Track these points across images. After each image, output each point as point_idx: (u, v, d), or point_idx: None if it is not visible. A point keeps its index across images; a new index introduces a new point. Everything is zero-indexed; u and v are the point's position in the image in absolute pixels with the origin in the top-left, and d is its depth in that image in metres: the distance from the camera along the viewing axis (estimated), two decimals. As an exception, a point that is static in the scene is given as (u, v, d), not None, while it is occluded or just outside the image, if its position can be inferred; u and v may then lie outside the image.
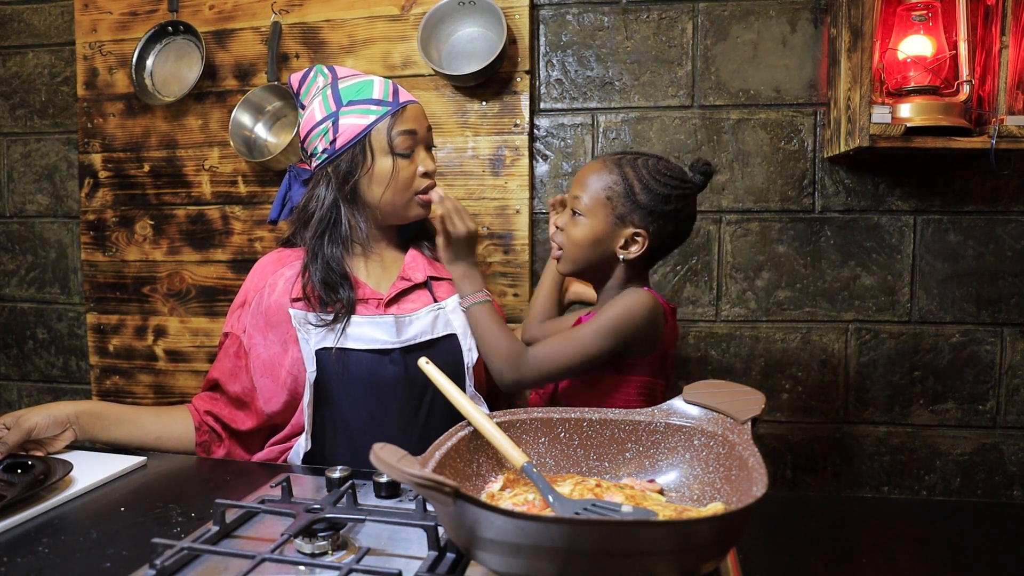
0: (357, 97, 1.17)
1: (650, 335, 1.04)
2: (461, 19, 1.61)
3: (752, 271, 1.61)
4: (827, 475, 1.62)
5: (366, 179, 1.17)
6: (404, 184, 1.17)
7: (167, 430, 1.17)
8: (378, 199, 1.18)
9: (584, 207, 1.05)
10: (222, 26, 1.71)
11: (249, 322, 1.18)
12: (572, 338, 1.03)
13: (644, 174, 1.04)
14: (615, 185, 1.04)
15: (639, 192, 1.04)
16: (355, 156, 1.16)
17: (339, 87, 1.18)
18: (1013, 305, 1.55)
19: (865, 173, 1.56)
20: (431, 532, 0.69)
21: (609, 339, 1.02)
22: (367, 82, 1.19)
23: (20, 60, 1.87)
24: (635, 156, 1.07)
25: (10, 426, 1.03)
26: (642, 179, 1.04)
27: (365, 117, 1.16)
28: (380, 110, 1.16)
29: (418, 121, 1.19)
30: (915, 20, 1.39)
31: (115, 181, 1.80)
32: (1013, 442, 1.56)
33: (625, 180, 1.04)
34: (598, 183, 1.05)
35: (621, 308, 1.02)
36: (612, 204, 1.04)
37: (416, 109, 1.20)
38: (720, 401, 0.79)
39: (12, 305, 1.94)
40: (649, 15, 1.60)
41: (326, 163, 1.18)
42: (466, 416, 0.79)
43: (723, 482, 0.73)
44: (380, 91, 1.18)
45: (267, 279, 1.20)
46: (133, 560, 0.73)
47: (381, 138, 1.15)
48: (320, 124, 1.17)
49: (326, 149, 1.17)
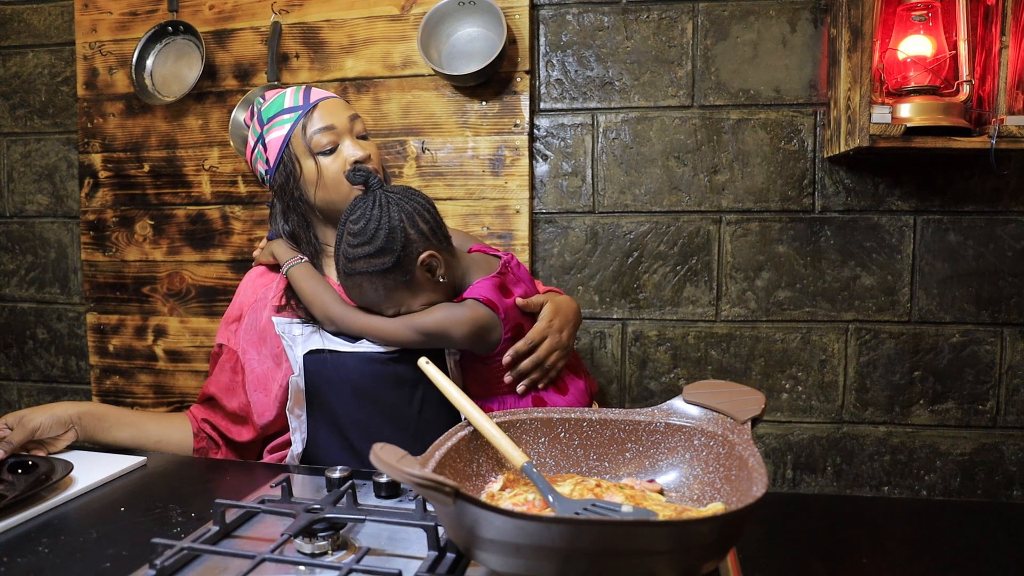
0: (274, 112, 1.19)
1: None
2: (461, 19, 1.61)
3: (752, 271, 1.61)
4: (827, 475, 1.62)
5: (302, 185, 1.18)
6: (334, 179, 1.17)
7: (167, 435, 1.19)
8: (320, 201, 1.18)
9: (398, 307, 1.06)
10: (222, 26, 1.71)
11: (244, 337, 1.19)
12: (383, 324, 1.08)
13: (361, 254, 1.03)
14: (373, 284, 1.04)
15: (380, 263, 1.03)
16: (285, 167, 1.18)
17: (260, 111, 1.21)
18: (1013, 305, 1.55)
19: (865, 173, 1.56)
20: (431, 532, 0.69)
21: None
22: (280, 95, 1.20)
23: (20, 60, 1.87)
24: (344, 253, 1.05)
25: (13, 426, 1.04)
26: (367, 257, 1.03)
27: (282, 128, 1.18)
28: (293, 116, 1.17)
29: (334, 115, 1.18)
30: (915, 20, 1.39)
31: (115, 181, 1.80)
32: (1013, 442, 1.56)
33: (367, 274, 1.03)
34: (371, 297, 1.06)
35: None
36: (398, 282, 1.04)
37: (330, 104, 1.19)
38: (720, 401, 0.79)
39: (12, 305, 1.94)
40: (649, 15, 1.60)
41: (271, 183, 1.21)
42: (466, 416, 0.79)
43: (723, 482, 0.73)
44: (291, 99, 1.19)
45: (258, 292, 1.21)
46: (133, 560, 0.73)
47: (299, 142, 1.17)
48: (254, 149, 1.21)
49: (267, 170, 1.20)
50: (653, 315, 1.64)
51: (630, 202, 1.64)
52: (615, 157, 1.63)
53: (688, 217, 1.62)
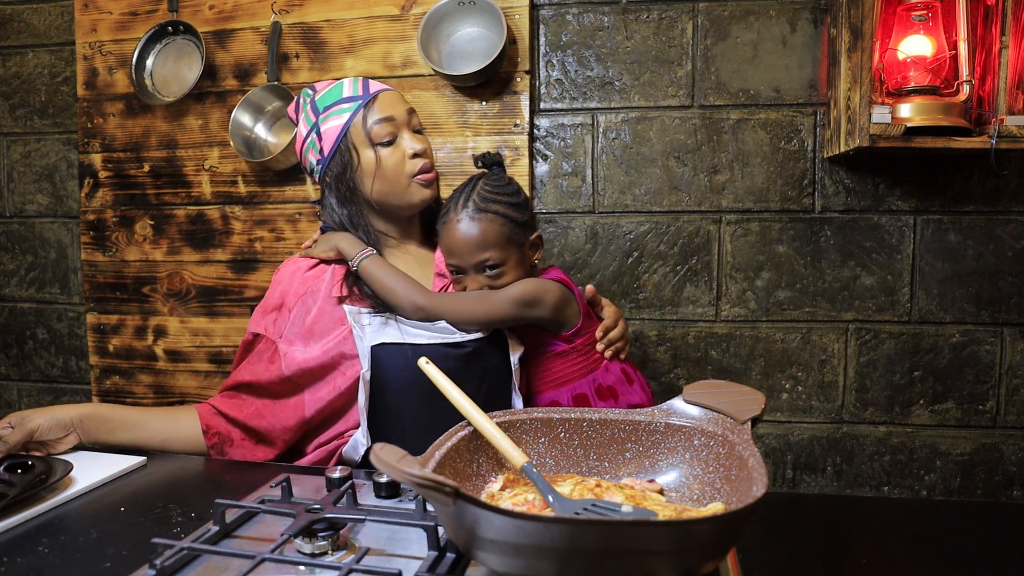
0: (330, 101, 1.19)
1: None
2: (461, 19, 1.61)
3: (752, 271, 1.61)
4: (827, 475, 1.62)
5: (358, 176, 1.19)
6: (393, 171, 1.18)
7: (173, 432, 1.15)
8: (377, 192, 1.19)
9: (499, 258, 1.13)
10: (222, 26, 1.71)
11: (288, 328, 1.16)
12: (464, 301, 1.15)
13: (504, 200, 1.14)
14: (504, 225, 1.13)
15: (516, 215, 1.15)
16: (342, 157, 1.18)
17: (316, 98, 1.21)
18: (1013, 305, 1.55)
19: (865, 173, 1.56)
20: (431, 532, 0.69)
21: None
22: (337, 85, 1.21)
23: (20, 60, 1.87)
24: (480, 194, 1.14)
25: (14, 425, 1.03)
26: (507, 205, 1.14)
27: (340, 117, 1.18)
28: (352, 106, 1.18)
29: (394, 107, 1.19)
30: (915, 20, 1.39)
31: (115, 181, 1.80)
32: (1013, 442, 1.56)
33: (500, 216, 1.13)
34: (493, 235, 1.13)
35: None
36: (513, 239, 1.14)
37: (389, 96, 1.21)
38: (720, 401, 0.79)
39: (12, 305, 1.94)
40: (649, 15, 1.60)
41: (324, 173, 1.21)
42: (466, 416, 0.79)
43: (723, 482, 0.73)
44: (349, 89, 1.20)
45: (308, 284, 1.19)
46: (133, 560, 0.73)
47: (359, 132, 1.17)
48: (307, 138, 1.21)
49: (319, 160, 1.20)
50: (653, 315, 1.64)
51: (630, 202, 1.64)
52: (615, 157, 1.63)
53: (688, 217, 1.62)
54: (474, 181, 1.18)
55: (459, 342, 1.14)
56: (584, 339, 1.18)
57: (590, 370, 1.18)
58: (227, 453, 1.17)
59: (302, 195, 1.71)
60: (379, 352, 1.11)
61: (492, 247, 1.12)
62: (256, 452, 1.18)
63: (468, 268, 1.15)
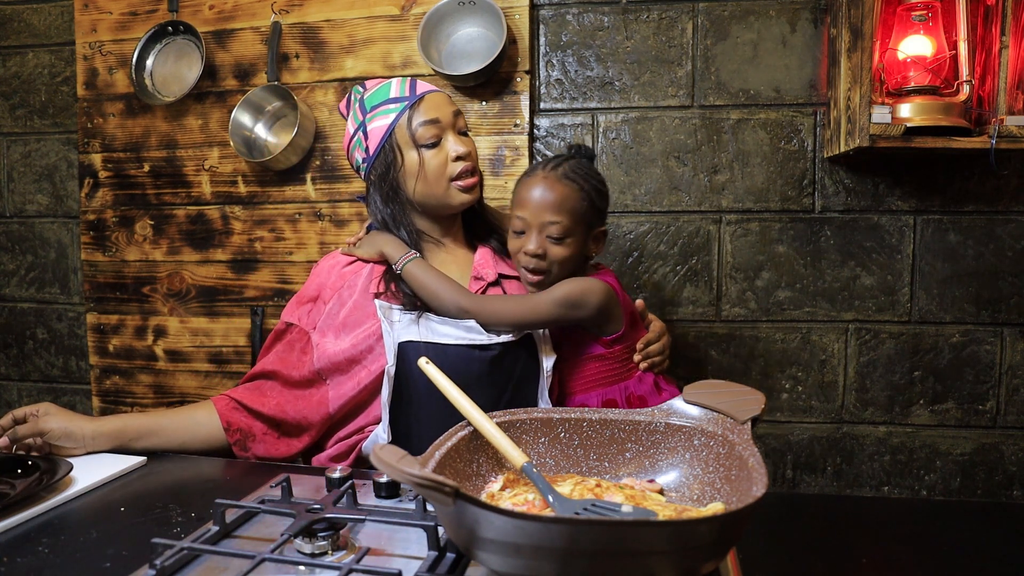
0: (378, 101, 1.20)
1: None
2: (461, 19, 1.61)
3: (752, 271, 1.61)
4: (827, 475, 1.62)
5: (401, 176, 1.20)
6: (435, 173, 1.18)
7: (191, 435, 1.13)
8: (418, 193, 1.20)
9: (566, 229, 1.12)
10: (222, 26, 1.71)
11: (323, 321, 1.18)
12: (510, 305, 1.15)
13: (592, 182, 1.15)
14: (583, 200, 1.13)
15: (596, 199, 1.15)
16: (387, 156, 1.19)
17: (364, 97, 1.22)
18: (1013, 305, 1.55)
19: (865, 173, 1.56)
20: (431, 532, 0.69)
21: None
22: (385, 85, 1.22)
23: (20, 60, 1.87)
24: (572, 166, 1.15)
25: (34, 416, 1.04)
26: (594, 187, 1.15)
27: (386, 117, 1.19)
28: (398, 106, 1.19)
29: (440, 109, 1.19)
30: (915, 20, 1.39)
31: (115, 181, 1.80)
32: (1013, 442, 1.56)
33: (584, 192, 1.13)
34: (571, 203, 1.12)
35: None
36: (586, 217, 1.14)
37: (435, 98, 1.20)
38: (720, 401, 0.79)
39: (12, 305, 1.94)
40: (649, 15, 1.60)
41: (369, 171, 1.22)
42: (466, 416, 0.79)
43: (723, 482, 0.73)
44: (397, 89, 1.21)
45: (346, 279, 1.20)
46: (133, 560, 0.73)
47: (404, 133, 1.18)
48: (354, 136, 1.23)
49: (365, 158, 1.22)
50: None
51: (630, 202, 1.64)
52: (615, 157, 1.63)
53: (688, 217, 1.62)
54: (567, 156, 1.18)
55: (486, 344, 1.14)
56: (624, 346, 1.17)
57: (623, 378, 1.18)
58: (250, 448, 1.16)
59: (302, 195, 1.71)
60: (405, 348, 1.12)
61: (564, 213, 1.12)
62: (279, 446, 1.17)
63: (533, 226, 1.13)
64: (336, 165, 1.69)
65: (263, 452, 1.16)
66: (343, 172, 1.69)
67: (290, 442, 1.17)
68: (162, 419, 1.14)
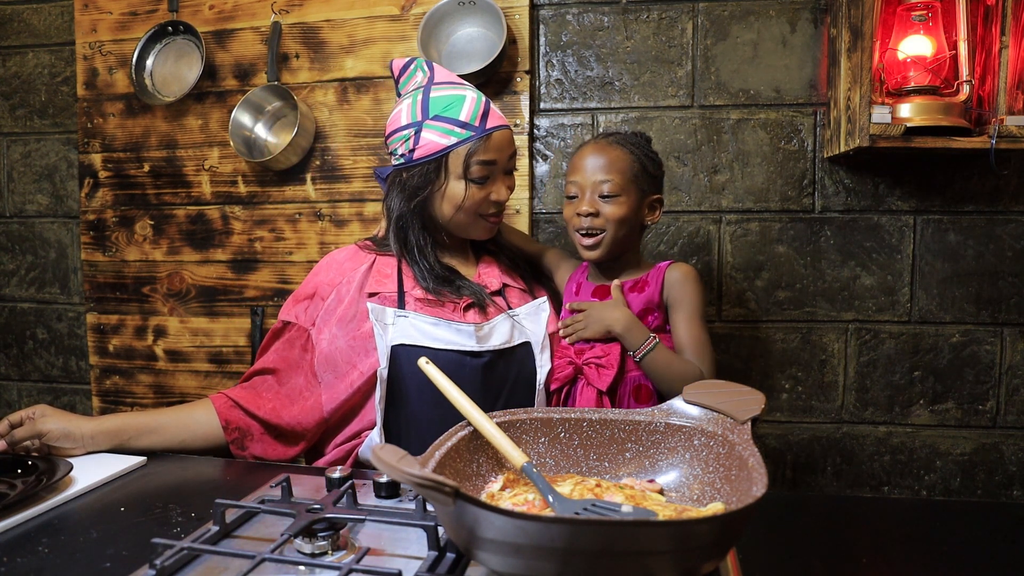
0: (444, 113, 1.15)
1: None
2: (461, 19, 1.61)
3: (752, 271, 1.61)
4: (827, 475, 1.62)
5: (438, 196, 1.18)
6: (472, 207, 1.18)
7: (191, 433, 1.12)
8: (448, 218, 1.19)
9: (618, 187, 1.16)
10: (222, 26, 1.71)
11: (320, 317, 1.16)
12: (701, 338, 1.16)
13: (644, 149, 1.20)
14: (634, 163, 1.17)
15: (648, 164, 1.19)
16: (429, 172, 1.16)
17: (430, 95, 1.16)
18: (1013, 305, 1.55)
19: (865, 173, 1.56)
20: (431, 532, 0.69)
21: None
22: (458, 98, 1.16)
23: (20, 60, 1.87)
24: (621, 135, 1.22)
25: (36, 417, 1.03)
26: (645, 153, 1.20)
27: (447, 138, 1.14)
28: (464, 134, 1.14)
29: (501, 150, 1.18)
30: (915, 20, 1.39)
31: (115, 181, 1.80)
32: (1013, 442, 1.56)
33: (636, 155, 1.18)
34: (621, 164, 1.17)
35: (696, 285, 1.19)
36: (638, 180, 1.18)
37: (502, 137, 1.18)
38: (720, 401, 0.79)
39: (12, 305, 1.94)
40: (649, 15, 1.60)
41: (402, 168, 1.19)
42: (466, 416, 0.79)
43: (723, 482, 0.73)
44: (469, 112, 1.15)
45: (345, 274, 1.19)
46: (133, 560, 0.73)
47: (459, 162, 1.15)
48: (404, 129, 1.17)
49: (404, 155, 1.18)
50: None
51: (630, 202, 1.63)
52: (615, 157, 1.63)
53: (688, 217, 1.62)
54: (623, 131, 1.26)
55: (477, 351, 1.13)
56: None
57: None
58: (247, 448, 1.15)
59: (302, 195, 1.71)
60: (398, 352, 1.11)
61: (616, 173, 1.16)
62: (276, 448, 1.16)
63: (586, 187, 1.17)
64: (336, 165, 1.69)
65: (260, 452, 1.15)
66: (343, 172, 1.69)
67: (286, 448, 1.17)
68: (161, 417, 1.13)
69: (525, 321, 1.21)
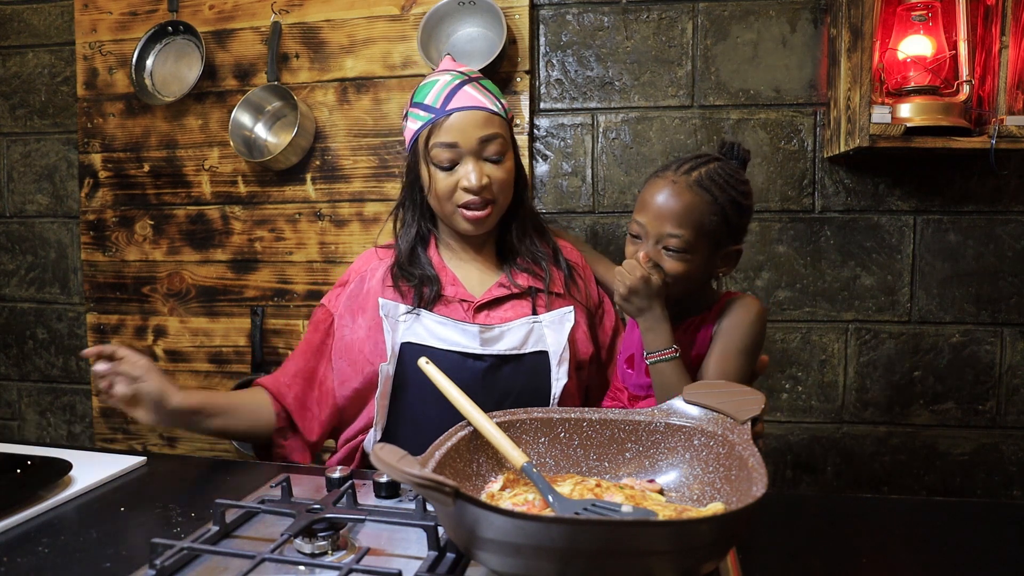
0: (417, 98, 1.16)
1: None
2: (461, 19, 1.61)
3: (752, 271, 1.61)
4: (827, 475, 1.62)
5: (422, 181, 1.18)
6: (443, 195, 1.14)
7: (255, 419, 1.16)
8: (435, 208, 1.19)
9: (687, 244, 0.97)
10: (222, 26, 1.71)
11: (344, 303, 1.20)
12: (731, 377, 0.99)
13: (731, 193, 0.99)
14: (713, 215, 0.97)
15: (732, 214, 0.99)
16: (414, 156, 1.18)
17: (420, 82, 1.18)
18: (1013, 305, 1.55)
19: (865, 173, 1.56)
20: (431, 532, 0.69)
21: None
22: (432, 82, 1.15)
23: (20, 60, 1.87)
24: (710, 172, 0.99)
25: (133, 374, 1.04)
26: (731, 199, 0.99)
27: (415, 122, 1.15)
28: (426, 116, 1.13)
29: (463, 133, 1.11)
30: (915, 20, 1.39)
31: (115, 181, 1.80)
32: (1013, 442, 1.56)
33: (718, 205, 0.98)
34: (698, 215, 0.97)
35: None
36: (712, 236, 0.99)
37: (463, 119, 1.11)
38: (720, 401, 0.79)
39: (12, 305, 1.94)
40: (649, 15, 1.60)
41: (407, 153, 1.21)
42: (466, 416, 0.79)
43: (723, 482, 0.73)
44: (434, 95, 1.13)
45: (370, 264, 1.22)
46: (133, 560, 0.73)
47: (422, 146, 1.14)
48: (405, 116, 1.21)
49: (407, 144, 1.20)
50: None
51: (630, 202, 1.63)
52: (615, 157, 1.63)
53: (688, 217, 1.62)
54: (710, 158, 1.02)
55: (479, 354, 1.13)
56: None
57: None
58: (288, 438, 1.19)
59: (302, 195, 1.71)
60: (405, 350, 1.12)
61: (688, 227, 0.96)
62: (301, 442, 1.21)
63: (650, 234, 0.99)
64: (336, 165, 1.69)
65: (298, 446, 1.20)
66: (343, 172, 1.69)
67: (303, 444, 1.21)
68: (235, 399, 1.19)
69: (547, 329, 1.17)
